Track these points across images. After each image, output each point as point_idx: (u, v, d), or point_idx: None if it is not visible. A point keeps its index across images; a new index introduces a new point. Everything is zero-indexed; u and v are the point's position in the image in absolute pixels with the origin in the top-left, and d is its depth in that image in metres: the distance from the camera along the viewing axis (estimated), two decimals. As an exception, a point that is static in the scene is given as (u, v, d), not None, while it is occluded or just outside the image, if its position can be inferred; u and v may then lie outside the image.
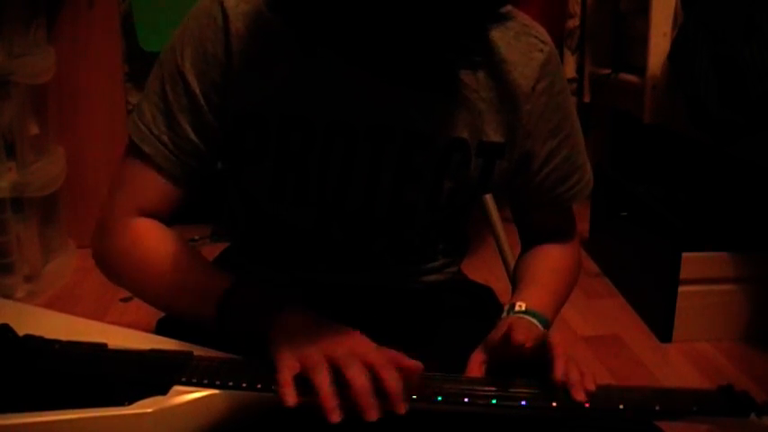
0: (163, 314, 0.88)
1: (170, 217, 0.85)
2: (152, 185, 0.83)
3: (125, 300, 1.90)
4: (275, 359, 0.67)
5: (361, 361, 0.65)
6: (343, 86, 0.80)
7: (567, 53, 2.66)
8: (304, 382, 0.64)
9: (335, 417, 0.61)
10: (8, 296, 1.85)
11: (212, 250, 1.03)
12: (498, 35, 0.82)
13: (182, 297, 0.80)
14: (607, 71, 2.41)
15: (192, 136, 0.82)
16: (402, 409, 0.63)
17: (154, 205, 0.83)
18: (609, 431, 0.69)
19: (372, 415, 0.62)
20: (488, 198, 1.71)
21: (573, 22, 2.63)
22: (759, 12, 1.54)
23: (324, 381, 0.63)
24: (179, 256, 0.82)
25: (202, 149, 0.83)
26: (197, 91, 0.81)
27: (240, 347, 0.73)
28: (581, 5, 2.64)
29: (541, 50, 0.83)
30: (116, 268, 0.84)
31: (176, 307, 0.82)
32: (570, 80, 2.66)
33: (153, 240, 0.83)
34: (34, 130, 1.99)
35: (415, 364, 0.66)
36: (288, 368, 0.65)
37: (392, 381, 0.64)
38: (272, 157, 0.82)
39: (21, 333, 0.75)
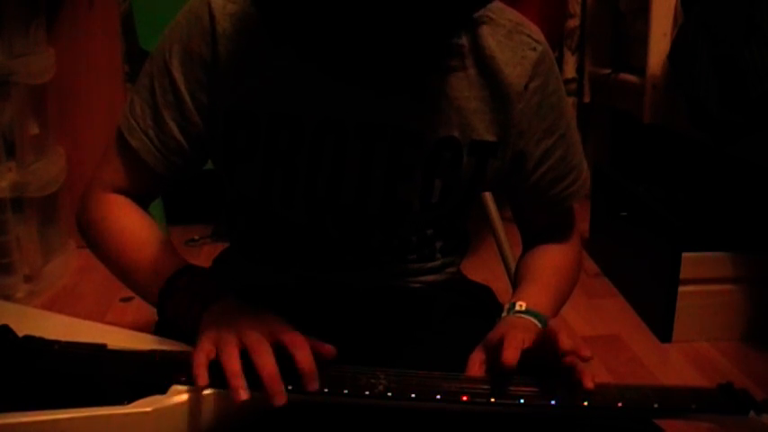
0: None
1: (151, 199, 0.91)
2: (135, 174, 0.87)
3: (125, 300, 1.90)
4: (196, 343, 0.69)
5: (271, 343, 0.67)
6: (331, 85, 0.79)
7: (567, 53, 2.66)
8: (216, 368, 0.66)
9: (243, 395, 0.63)
10: (8, 296, 1.85)
11: (212, 250, 1.04)
12: (490, 33, 0.81)
13: (136, 271, 0.84)
14: (607, 71, 2.41)
15: (177, 133, 0.84)
16: (314, 386, 0.66)
17: (134, 188, 0.88)
18: (608, 429, 0.70)
19: (280, 400, 0.64)
20: (488, 197, 1.71)
21: (573, 22, 2.64)
22: (759, 12, 1.54)
23: (230, 362, 0.65)
24: (141, 233, 0.86)
25: (185, 148, 0.85)
26: (183, 89, 0.82)
27: (175, 334, 0.75)
28: (581, 5, 2.64)
29: (534, 49, 0.82)
30: (92, 239, 0.88)
31: (132, 281, 0.85)
32: (570, 80, 2.66)
33: (123, 216, 0.87)
34: (34, 130, 1.99)
35: (328, 348, 0.69)
36: (203, 351, 0.67)
37: (303, 359, 0.66)
38: (261, 155, 0.82)
39: (20, 334, 0.76)
